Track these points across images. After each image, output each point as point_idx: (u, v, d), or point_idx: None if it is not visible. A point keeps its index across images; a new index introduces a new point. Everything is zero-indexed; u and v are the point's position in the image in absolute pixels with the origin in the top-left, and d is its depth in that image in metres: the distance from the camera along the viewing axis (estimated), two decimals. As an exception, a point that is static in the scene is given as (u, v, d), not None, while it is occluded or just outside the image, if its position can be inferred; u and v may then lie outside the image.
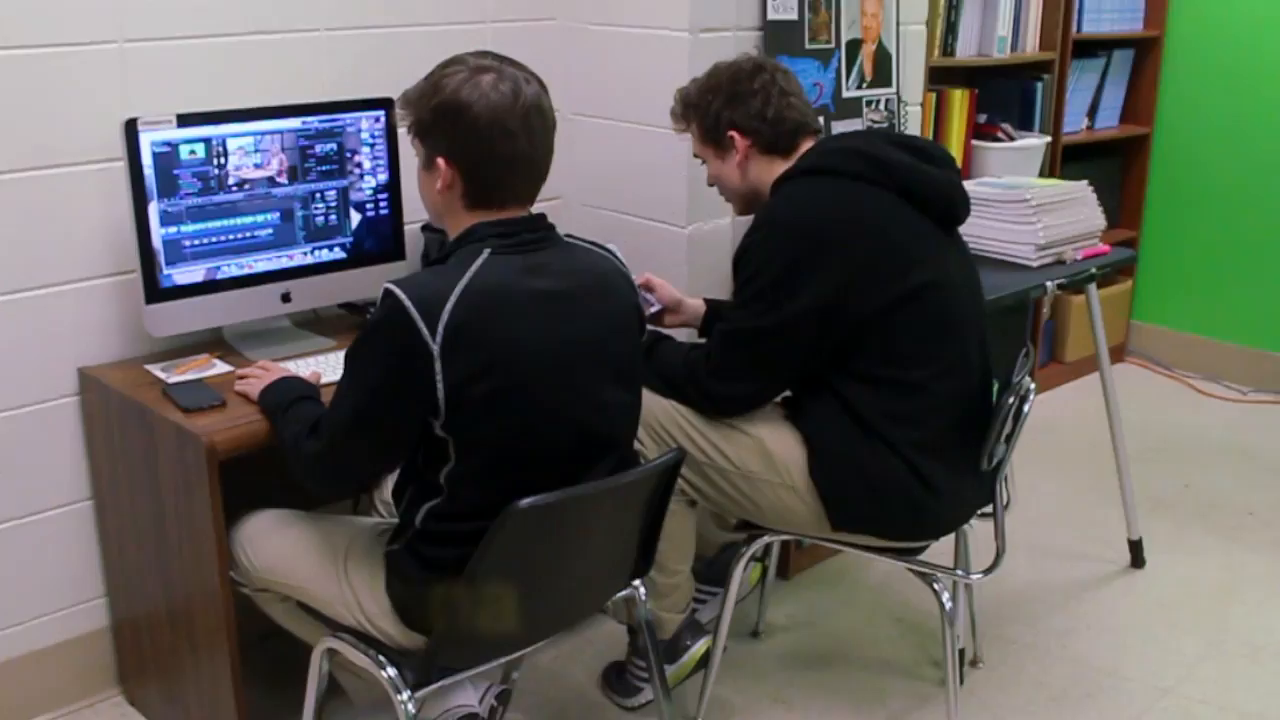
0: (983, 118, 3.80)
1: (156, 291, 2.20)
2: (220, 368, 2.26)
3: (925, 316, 2.08)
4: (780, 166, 2.20)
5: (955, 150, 3.67)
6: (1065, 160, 4.13)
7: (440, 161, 1.72)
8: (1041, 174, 3.86)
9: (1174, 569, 3.09)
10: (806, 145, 2.21)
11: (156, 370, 2.24)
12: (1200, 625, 2.82)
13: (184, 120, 2.17)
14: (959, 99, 3.67)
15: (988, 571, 2.22)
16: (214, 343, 2.37)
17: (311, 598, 1.92)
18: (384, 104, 2.42)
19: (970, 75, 3.86)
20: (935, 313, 2.09)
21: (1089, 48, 4.17)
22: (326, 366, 2.24)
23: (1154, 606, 2.92)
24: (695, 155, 2.33)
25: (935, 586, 2.22)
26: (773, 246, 2.07)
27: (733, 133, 2.21)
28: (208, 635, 2.09)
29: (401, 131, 2.45)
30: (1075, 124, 4.22)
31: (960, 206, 2.16)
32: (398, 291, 1.63)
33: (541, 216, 1.77)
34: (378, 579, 1.82)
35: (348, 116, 2.38)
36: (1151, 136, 4.42)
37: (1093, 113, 4.31)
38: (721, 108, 2.21)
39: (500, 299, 1.65)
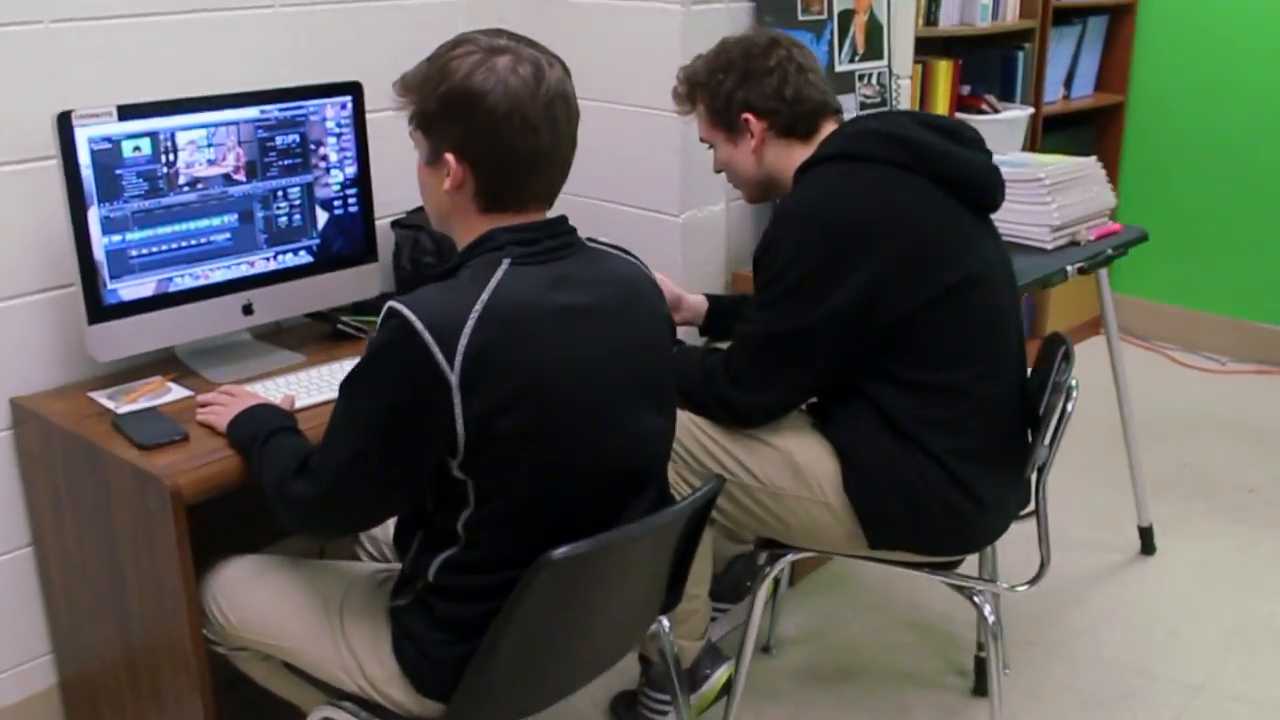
0: (965, 89, 3.63)
1: (100, 309, 1.93)
2: (177, 392, 2.00)
3: (966, 314, 1.90)
4: (800, 151, 2.00)
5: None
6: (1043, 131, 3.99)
7: (449, 158, 1.49)
8: (1023, 147, 3.71)
9: (1185, 554, 2.98)
10: (828, 128, 2.01)
11: (103, 398, 1.98)
12: (1221, 614, 2.71)
13: (126, 112, 1.90)
14: (943, 70, 3.50)
15: (1033, 582, 2.06)
16: (166, 362, 2.11)
17: (301, 659, 1.69)
18: (350, 88, 2.17)
19: (947, 45, 3.68)
20: (976, 310, 1.91)
21: (1065, 15, 4.02)
22: (299, 387, 1.99)
23: (1171, 596, 2.79)
24: (701, 139, 2.12)
25: (976, 600, 2.05)
26: (800, 241, 1.87)
27: (747, 115, 2.00)
28: (177, 698, 1.84)
29: (374, 119, 2.25)
30: (1052, 94, 4.08)
31: (997, 191, 1.97)
32: (406, 312, 1.40)
33: (563, 219, 1.55)
34: (382, 638, 1.59)
35: (311, 104, 2.12)
36: (1126, 105, 4.30)
37: (1069, 82, 4.17)
38: (734, 87, 1.99)
39: (526, 318, 1.43)
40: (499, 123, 1.44)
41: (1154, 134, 4.28)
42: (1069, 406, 1.98)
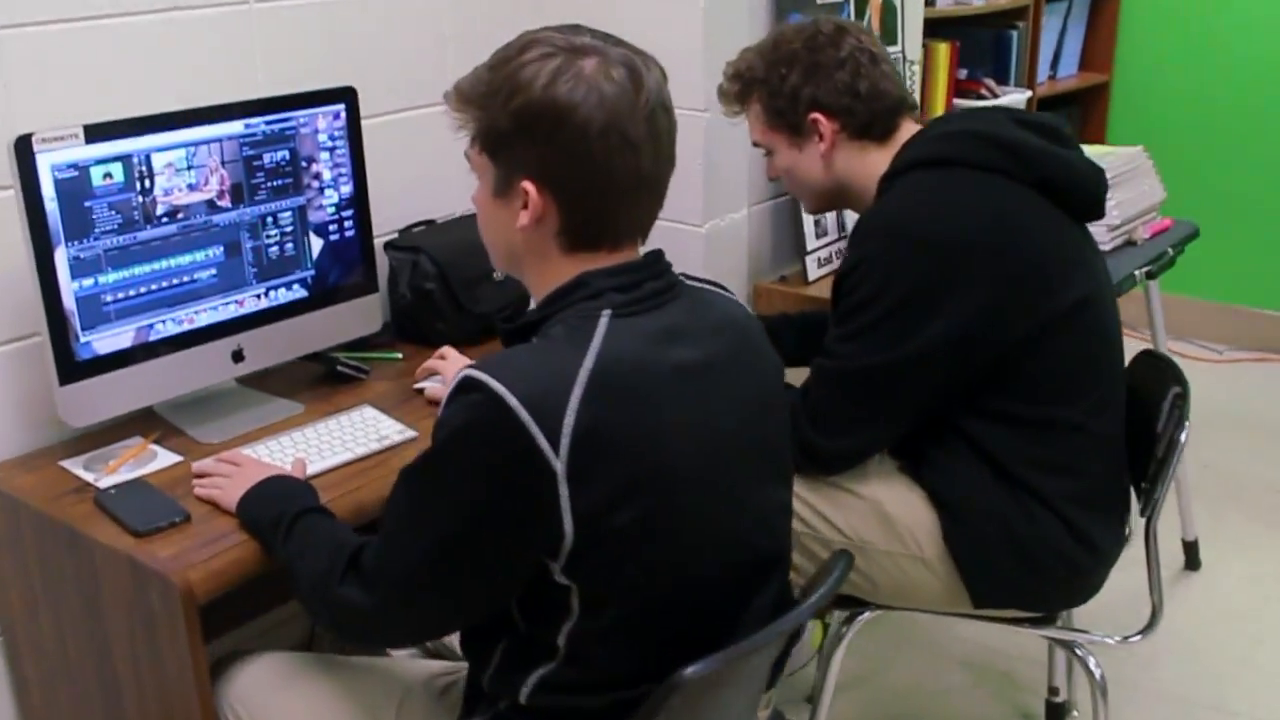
0: (962, 73, 3.43)
1: (73, 367, 1.63)
2: (164, 457, 1.70)
3: (1080, 340, 1.69)
4: (876, 155, 1.76)
5: (938, 110, 3.30)
6: (1035, 115, 3.82)
7: (528, 187, 1.21)
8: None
9: (1229, 568, 2.82)
10: (907, 128, 1.78)
11: (77, 468, 1.68)
12: (1283, 636, 2.56)
13: (93, 133, 1.59)
14: (943, 53, 3.29)
15: (1145, 632, 1.87)
16: (143, 418, 1.80)
17: (347, 783, 1.42)
18: (343, 95, 1.88)
19: (934, 27, 3.47)
20: (1089, 334, 1.71)
21: (1052, -10, 3.85)
22: (309, 447, 1.71)
23: (1228, 618, 2.63)
24: (755, 144, 1.87)
25: (1079, 652, 1.86)
26: (894, 260, 1.63)
27: (816, 114, 1.76)
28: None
29: (372, 124, 1.96)
30: (1041, 74, 3.90)
31: (1104, 198, 1.76)
32: (495, 385, 1.13)
33: (659, 255, 1.29)
34: (453, 762, 1.33)
35: (300, 114, 1.83)
36: (1110, 85, 4.14)
37: (1055, 62, 4.00)
38: (800, 83, 1.75)
39: (640, 385, 1.17)
40: (593, 142, 1.18)
41: (1139, 114, 4.13)
42: (1181, 437, 1.79)
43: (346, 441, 1.73)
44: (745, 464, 1.26)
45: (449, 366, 1.88)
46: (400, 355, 2.07)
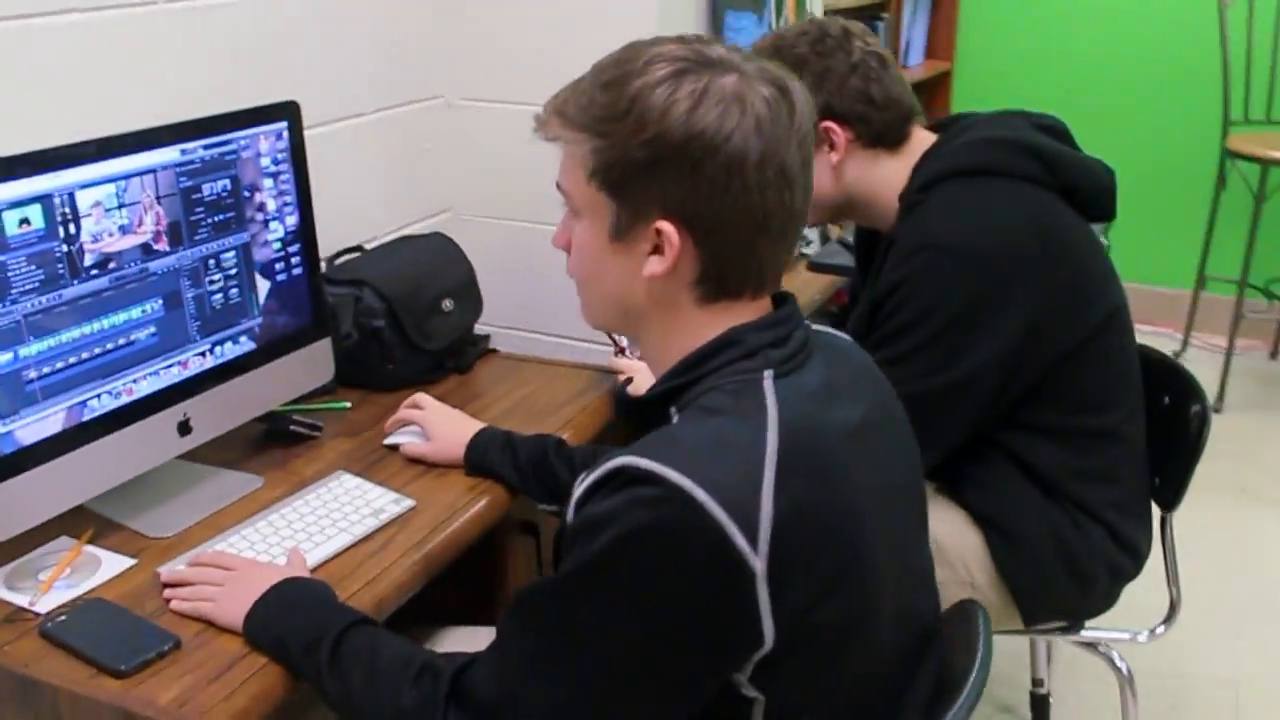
0: (838, 65, 3.37)
1: (-5, 464, 1.30)
2: (112, 562, 1.40)
3: (1116, 349, 1.65)
4: (889, 164, 1.64)
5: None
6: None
7: (664, 228, 1.02)
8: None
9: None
10: (919, 135, 1.67)
11: (2, 590, 1.35)
12: (1229, 601, 2.66)
13: (5, 169, 1.27)
14: (824, 46, 3.22)
15: (1167, 623, 1.86)
16: (69, 511, 1.48)
17: None
18: (285, 111, 1.60)
19: (800, 17, 3.42)
20: (1123, 342, 1.67)
21: (903, -21, 3.86)
22: (297, 534, 1.43)
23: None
24: (755, 155, 1.71)
25: (1101, 649, 1.84)
26: (944, 279, 1.52)
27: (829, 123, 1.62)
28: None
29: (349, 128, 1.69)
30: (896, 64, 3.91)
31: (1115, 199, 1.70)
32: (675, 477, 0.92)
33: (793, 300, 1.11)
34: None
35: (240, 135, 1.54)
36: (952, 73, 4.21)
37: (905, 51, 4.02)
38: (811, 90, 1.59)
39: (826, 458, 0.99)
40: (749, 175, 0.99)
41: (980, 101, 4.21)
42: (1206, 434, 1.76)
43: (337, 520, 1.47)
44: (911, 526, 1.12)
45: (429, 417, 1.64)
46: (348, 404, 1.81)
